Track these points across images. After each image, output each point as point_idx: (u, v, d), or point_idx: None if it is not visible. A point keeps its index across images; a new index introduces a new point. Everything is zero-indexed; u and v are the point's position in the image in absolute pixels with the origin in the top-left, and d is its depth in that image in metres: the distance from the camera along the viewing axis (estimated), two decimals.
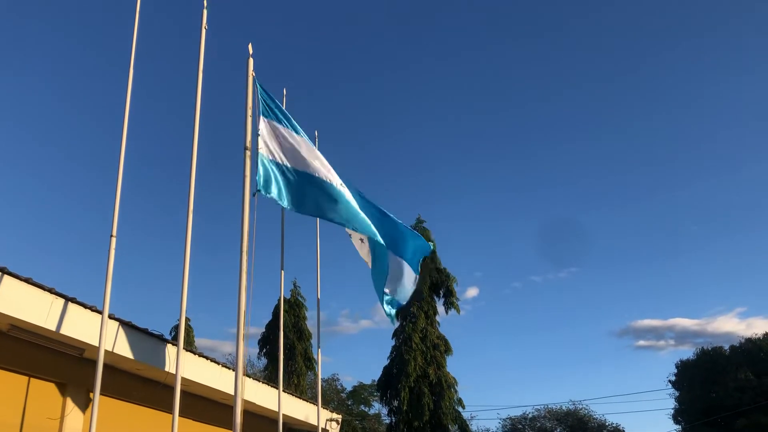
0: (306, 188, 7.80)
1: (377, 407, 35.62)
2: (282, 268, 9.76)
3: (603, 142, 75.62)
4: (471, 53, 75.37)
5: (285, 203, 7.74)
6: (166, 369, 7.96)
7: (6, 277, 5.82)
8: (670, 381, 41.94)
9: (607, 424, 43.43)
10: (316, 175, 7.78)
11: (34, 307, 6.11)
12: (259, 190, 7.47)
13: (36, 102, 58.39)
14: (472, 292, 68.50)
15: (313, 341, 28.94)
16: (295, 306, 28.96)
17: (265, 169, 7.65)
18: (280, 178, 7.75)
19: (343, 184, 7.98)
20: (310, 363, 28.49)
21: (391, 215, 8.85)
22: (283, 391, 10.32)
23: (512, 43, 75.96)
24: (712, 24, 73.11)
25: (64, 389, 7.21)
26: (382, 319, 64.36)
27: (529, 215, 75.05)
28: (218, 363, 9.39)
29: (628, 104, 76.78)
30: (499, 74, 76.72)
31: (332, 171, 7.92)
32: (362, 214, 7.97)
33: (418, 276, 9.06)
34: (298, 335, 28.51)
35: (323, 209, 7.84)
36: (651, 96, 76.08)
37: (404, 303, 9.34)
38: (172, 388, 6.63)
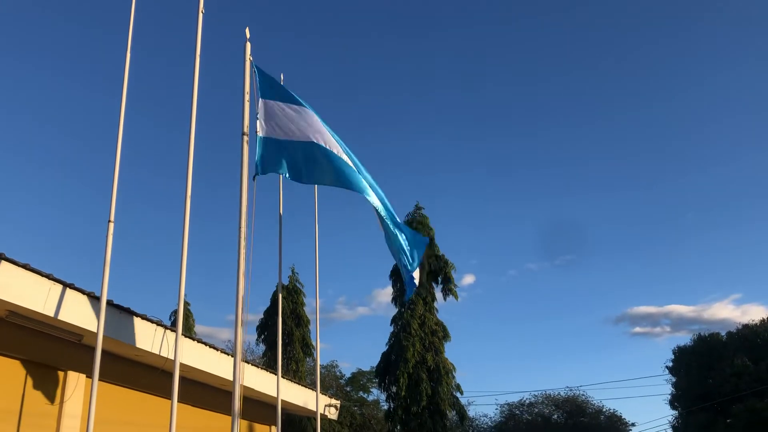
0: (309, 157, 7.68)
1: (375, 393, 35.78)
2: (280, 255, 9.74)
3: (600, 131, 75.57)
4: (471, 39, 74.98)
5: (287, 175, 7.70)
6: (165, 355, 7.95)
7: (3, 263, 5.79)
8: (667, 367, 42.17)
9: (604, 409, 43.65)
10: (320, 143, 7.65)
11: (32, 293, 6.09)
12: (258, 174, 7.43)
13: (34, 82, 58.12)
14: (468, 279, 68.74)
15: (312, 327, 29.01)
16: (293, 292, 28.97)
17: (263, 150, 7.60)
18: (282, 153, 7.67)
19: (344, 153, 7.75)
20: (308, 349, 28.54)
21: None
22: (281, 377, 10.33)
23: (514, 26, 75.59)
24: (711, 13, 72.77)
25: (62, 375, 7.20)
26: (379, 306, 64.52)
27: (524, 203, 75.16)
28: (217, 349, 9.39)
29: (626, 93, 76.61)
30: (501, 58, 76.41)
31: (333, 141, 7.76)
32: (364, 182, 7.71)
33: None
34: (297, 322, 28.55)
35: (327, 177, 7.69)
36: (649, 85, 75.91)
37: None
38: (170, 374, 6.63)
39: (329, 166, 7.61)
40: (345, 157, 7.70)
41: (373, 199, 7.70)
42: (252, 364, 10.86)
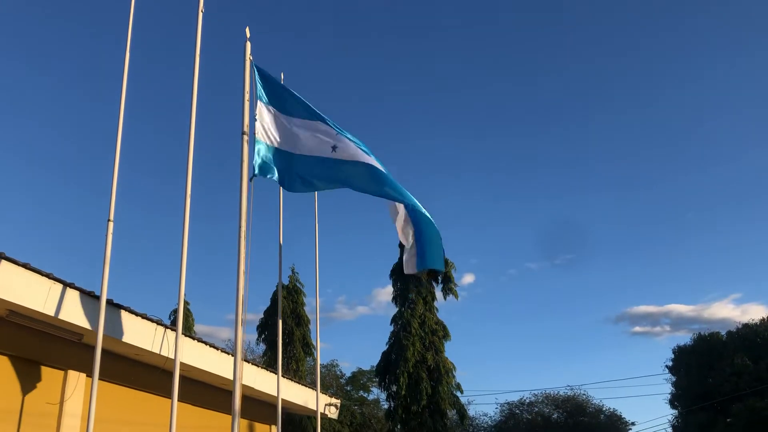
0: (305, 169, 7.66)
1: (376, 393, 35.79)
2: (280, 255, 9.74)
3: (600, 130, 75.54)
4: (471, 39, 74.99)
5: (283, 185, 7.71)
6: (165, 354, 7.96)
7: (4, 262, 5.80)
8: (667, 366, 42.17)
9: (604, 409, 43.66)
10: (319, 155, 7.59)
11: (32, 293, 6.10)
12: (255, 175, 7.43)
13: (33, 83, 58.13)
14: (468, 278, 68.69)
15: (312, 327, 29.01)
16: (293, 292, 28.95)
17: (262, 154, 7.60)
18: (278, 161, 7.68)
19: (362, 154, 7.51)
20: (308, 349, 28.53)
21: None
22: (282, 376, 10.34)
23: (514, 26, 75.61)
24: (711, 11, 72.79)
25: (63, 374, 7.21)
26: (379, 305, 64.50)
27: (524, 202, 75.12)
28: (217, 348, 9.40)
29: (626, 93, 76.64)
30: (501, 57, 76.43)
31: (342, 141, 7.61)
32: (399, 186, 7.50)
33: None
34: (297, 321, 28.54)
35: (332, 183, 7.59)
36: (649, 85, 75.91)
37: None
38: (171, 373, 6.64)
39: (331, 174, 7.48)
40: (374, 162, 7.50)
41: (413, 199, 7.55)
42: (252, 364, 10.87)
